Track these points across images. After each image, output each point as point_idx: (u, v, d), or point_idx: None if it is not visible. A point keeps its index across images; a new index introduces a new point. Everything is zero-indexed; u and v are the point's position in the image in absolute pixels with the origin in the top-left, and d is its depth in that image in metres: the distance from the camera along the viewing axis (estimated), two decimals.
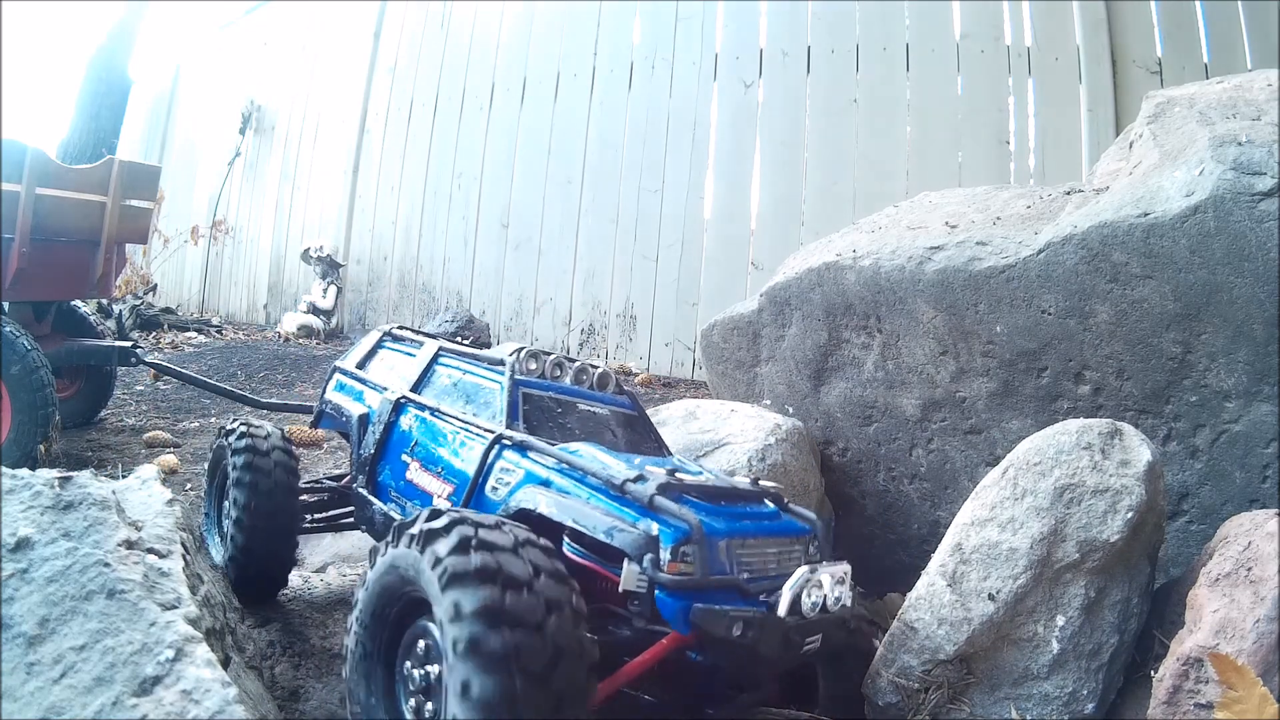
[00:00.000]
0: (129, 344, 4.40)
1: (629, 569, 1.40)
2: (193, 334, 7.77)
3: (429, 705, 1.33)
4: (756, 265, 5.98)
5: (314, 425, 2.45)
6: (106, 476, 1.60)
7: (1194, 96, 2.31)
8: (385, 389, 2.18)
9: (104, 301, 5.95)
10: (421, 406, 2.04)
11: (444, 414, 1.97)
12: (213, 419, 4.82)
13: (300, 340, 7.55)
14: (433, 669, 1.33)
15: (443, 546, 1.26)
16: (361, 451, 2.12)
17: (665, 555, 1.39)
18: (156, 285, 9.76)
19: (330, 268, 8.01)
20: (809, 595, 1.42)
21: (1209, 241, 1.90)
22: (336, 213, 8.55)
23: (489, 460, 1.76)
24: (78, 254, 4.04)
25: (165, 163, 10.10)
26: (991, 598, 1.55)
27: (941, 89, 5.68)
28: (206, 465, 2.45)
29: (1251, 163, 1.90)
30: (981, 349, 2.26)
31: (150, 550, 1.41)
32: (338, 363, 2.45)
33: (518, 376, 1.93)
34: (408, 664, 1.39)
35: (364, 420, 2.16)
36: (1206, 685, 1.35)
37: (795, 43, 6.09)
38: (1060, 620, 1.52)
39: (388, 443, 2.06)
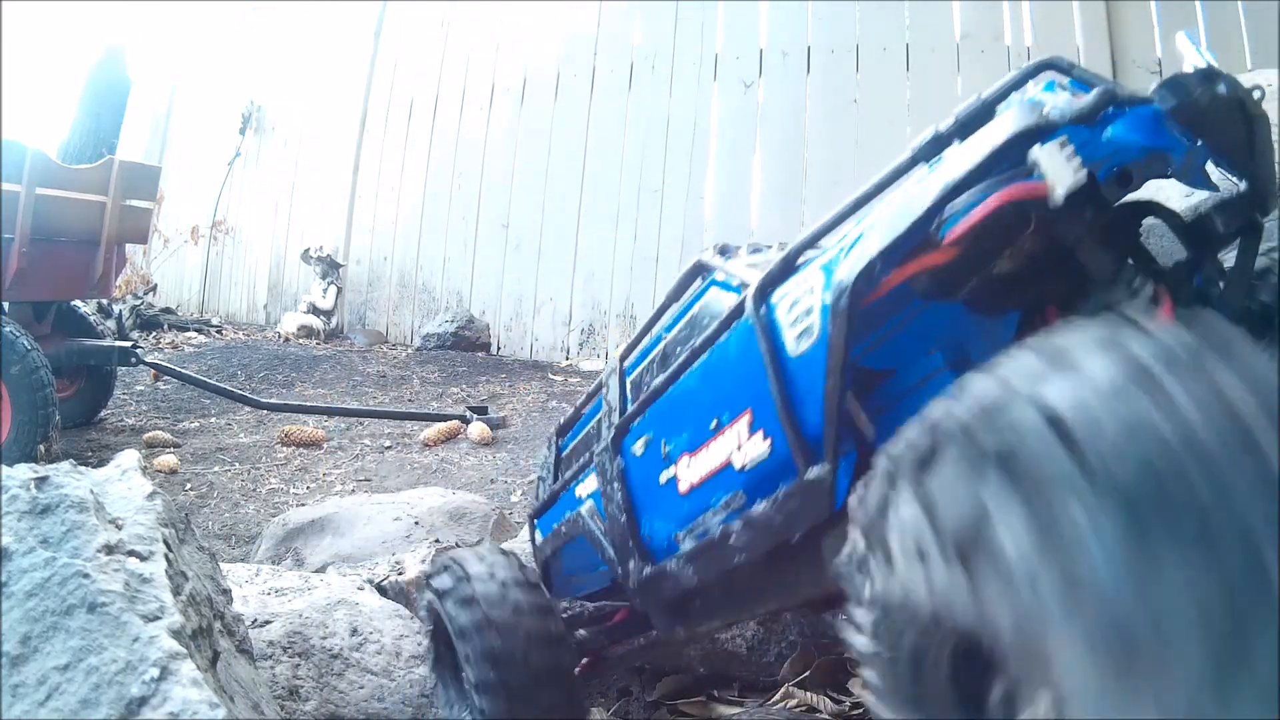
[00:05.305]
0: (129, 344, 4.40)
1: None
2: (193, 334, 7.78)
3: None
4: None
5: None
6: (90, 464, 1.53)
7: None
8: (595, 455, 1.59)
9: (104, 301, 5.95)
10: (644, 410, 1.45)
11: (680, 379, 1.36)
12: (213, 419, 4.82)
13: (300, 340, 7.55)
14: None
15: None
16: (610, 537, 1.56)
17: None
18: (156, 285, 9.76)
19: (330, 268, 8.01)
20: None
21: None
22: (336, 213, 8.56)
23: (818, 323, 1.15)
24: (78, 254, 4.04)
25: (165, 163, 10.09)
26: None
27: (941, 89, 5.68)
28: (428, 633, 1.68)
29: None
30: None
31: (131, 553, 1.34)
32: (531, 514, 1.91)
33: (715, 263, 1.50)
34: None
35: (596, 511, 1.61)
36: None
37: (795, 43, 6.10)
38: None
39: (633, 491, 1.52)
